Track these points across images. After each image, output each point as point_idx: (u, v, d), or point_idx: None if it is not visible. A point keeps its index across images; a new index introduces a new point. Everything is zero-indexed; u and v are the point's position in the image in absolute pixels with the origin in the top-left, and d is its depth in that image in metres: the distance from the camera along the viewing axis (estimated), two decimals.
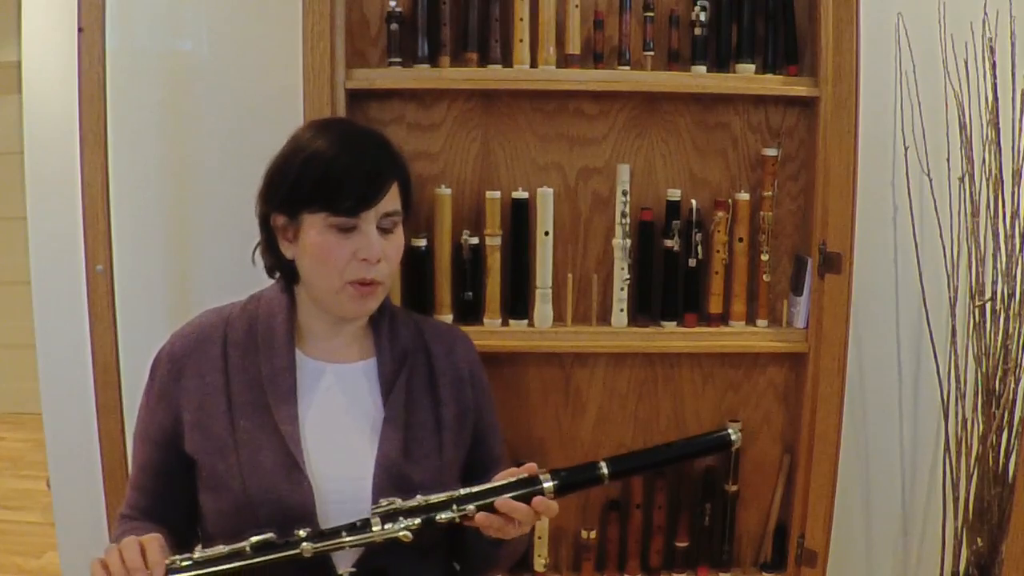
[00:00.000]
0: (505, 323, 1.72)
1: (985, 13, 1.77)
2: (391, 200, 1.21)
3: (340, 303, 1.21)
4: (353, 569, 1.18)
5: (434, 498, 1.14)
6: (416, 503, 1.13)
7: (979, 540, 1.84)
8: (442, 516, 1.12)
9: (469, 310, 1.71)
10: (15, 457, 4.00)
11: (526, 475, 1.17)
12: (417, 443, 1.24)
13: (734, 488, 1.79)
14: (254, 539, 1.08)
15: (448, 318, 1.70)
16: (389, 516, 1.12)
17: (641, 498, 1.79)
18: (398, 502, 1.13)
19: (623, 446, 1.82)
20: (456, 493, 1.14)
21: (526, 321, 1.71)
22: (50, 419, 1.95)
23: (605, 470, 1.19)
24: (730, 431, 1.22)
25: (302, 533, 1.09)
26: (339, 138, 1.21)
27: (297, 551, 1.08)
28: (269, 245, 1.26)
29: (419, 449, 1.24)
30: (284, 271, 1.27)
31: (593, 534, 1.79)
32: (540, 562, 1.78)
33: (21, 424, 4.32)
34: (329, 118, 1.24)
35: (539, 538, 1.77)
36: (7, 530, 3.25)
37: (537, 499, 1.15)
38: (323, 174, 1.17)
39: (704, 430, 1.81)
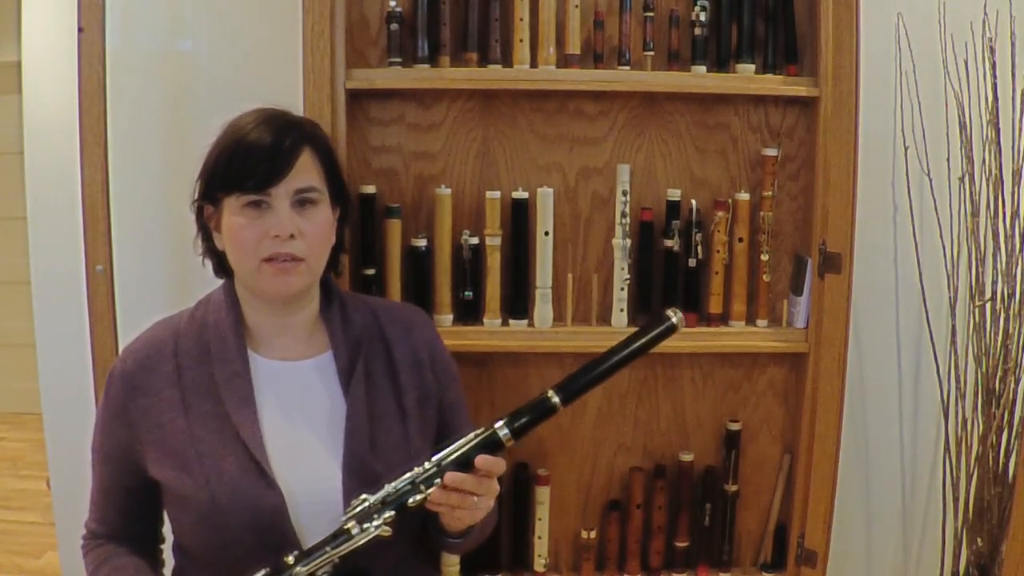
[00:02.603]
0: (505, 323, 1.72)
1: (985, 13, 1.77)
2: (304, 176, 1.17)
3: (261, 284, 1.18)
4: (330, 570, 1.14)
5: (400, 482, 1.12)
6: (385, 494, 1.11)
7: (979, 540, 1.84)
8: (413, 500, 1.11)
9: (469, 310, 1.71)
10: (15, 457, 4.00)
11: (480, 430, 1.15)
12: (383, 434, 1.22)
13: (734, 488, 1.79)
14: None
15: (448, 318, 1.70)
16: (364, 516, 1.10)
17: (641, 498, 1.79)
18: (370, 499, 1.11)
19: (623, 446, 1.82)
20: (419, 470, 1.12)
21: (526, 321, 1.71)
22: (50, 419, 1.95)
23: (556, 399, 1.16)
24: (670, 313, 1.17)
25: (290, 559, 1.09)
26: (252, 120, 1.19)
27: None
28: (205, 240, 1.25)
29: (385, 441, 1.22)
30: (221, 266, 1.25)
31: (593, 534, 1.79)
32: (540, 562, 1.78)
33: (21, 424, 4.32)
34: (255, 108, 1.24)
35: (539, 538, 1.77)
36: (7, 530, 3.25)
37: (480, 459, 1.11)
38: (231, 154, 1.16)
39: (704, 430, 1.82)
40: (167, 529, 1.30)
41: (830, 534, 1.71)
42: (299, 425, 1.21)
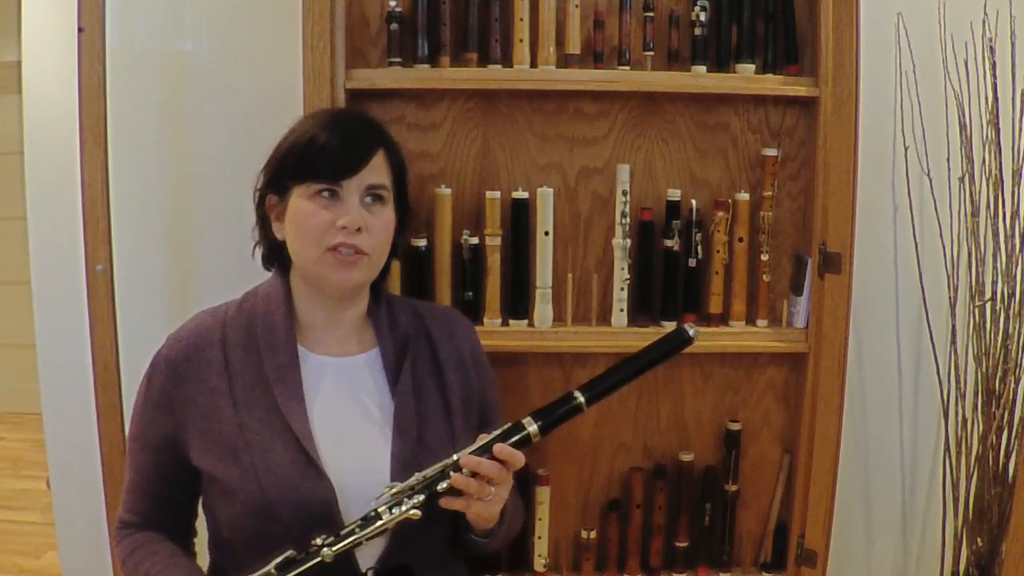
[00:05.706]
0: (505, 323, 1.72)
1: (985, 13, 1.76)
2: (375, 173, 1.21)
3: (322, 273, 1.20)
4: (376, 566, 1.18)
5: (430, 471, 1.15)
6: (415, 481, 1.14)
7: (979, 540, 1.84)
8: (441, 485, 1.13)
9: (469, 310, 1.70)
10: (15, 457, 4.00)
11: (508, 424, 1.19)
12: (430, 431, 1.25)
13: (734, 488, 1.79)
14: (276, 560, 1.10)
15: None
16: (394, 502, 1.13)
17: (641, 498, 1.79)
18: (398, 485, 1.14)
19: (623, 446, 1.82)
20: (448, 461, 1.15)
21: (526, 321, 1.71)
22: (50, 419, 1.95)
23: (581, 398, 1.22)
24: (687, 327, 1.26)
25: (319, 541, 1.10)
26: (325, 116, 1.26)
27: (319, 559, 1.09)
28: (263, 230, 1.27)
29: (433, 437, 1.24)
30: (277, 256, 1.27)
31: (593, 534, 1.79)
32: (540, 562, 1.78)
33: (21, 424, 4.32)
34: (323, 108, 1.33)
35: (539, 538, 1.77)
36: (7, 530, 3.25)
37: (497, 447, 1.15)
38: (307, 144, 1.20)
39: (704, 430, 1.82)
40: (200, 524, 1.30)
41: (830, 534, 1.71)
42: (347, 419, 1.23)
